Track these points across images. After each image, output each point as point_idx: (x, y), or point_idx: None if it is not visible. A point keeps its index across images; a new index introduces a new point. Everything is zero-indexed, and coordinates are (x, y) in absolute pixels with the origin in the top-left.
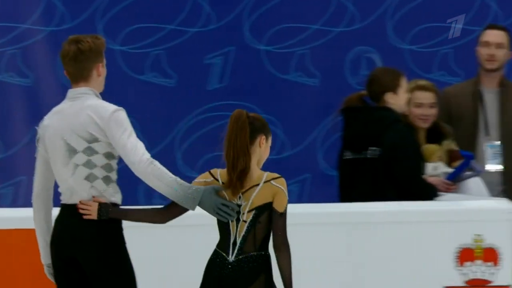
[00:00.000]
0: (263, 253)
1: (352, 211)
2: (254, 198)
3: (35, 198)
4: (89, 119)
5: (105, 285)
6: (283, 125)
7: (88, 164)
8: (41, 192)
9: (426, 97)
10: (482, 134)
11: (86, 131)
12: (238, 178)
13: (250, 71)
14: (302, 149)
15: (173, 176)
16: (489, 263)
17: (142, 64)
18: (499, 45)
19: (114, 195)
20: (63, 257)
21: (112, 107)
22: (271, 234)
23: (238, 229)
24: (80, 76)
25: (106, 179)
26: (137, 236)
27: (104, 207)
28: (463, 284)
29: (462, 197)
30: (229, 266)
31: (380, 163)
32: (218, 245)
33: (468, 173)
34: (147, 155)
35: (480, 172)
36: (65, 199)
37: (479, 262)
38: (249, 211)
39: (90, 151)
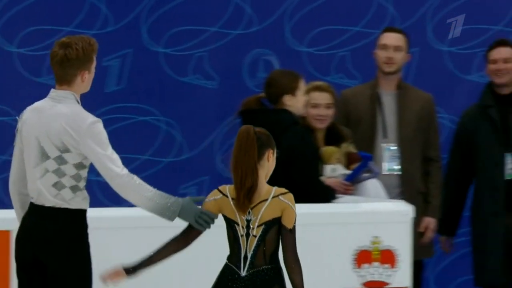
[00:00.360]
0: (274, 265)
1: None
2: (263, 213)
3: (11, 187)
4: (63, 129)
5: (62, 285)
6: (181, 128)
7: (57, 172)
8: (16, 181)
9: (322, 97)
10: (380, 136)
11: (60, 140)
12: (246, 196)
13: (148, 74)
14: (200, 152)
15: (153, 189)
16: (386, 265)
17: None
18: (397, 48)
19: (81, 203)
20: (26, 255)
21: (89, 118)
22: (282, 250)
23: (248, 243)
24: (64, 80)
25: (74, 188)
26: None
27: (132, 272)
28: (361, 286)
29: (360, 199)
30: (242, 281)
31: (278, 165)
32: (229, 259)
33: (366, 174)
34: (125, 169)
35: (377, 174)
36: (33, 198)
37: (376, 264)
38: (258, 226)
39: (60, 160)
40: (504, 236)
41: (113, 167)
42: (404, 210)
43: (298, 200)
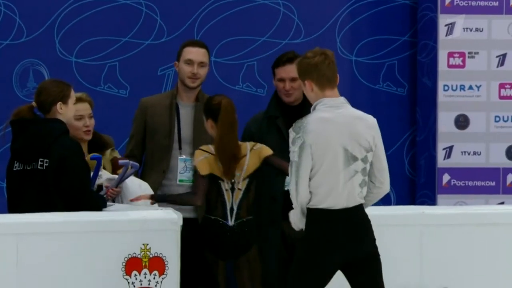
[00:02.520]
0: (253, 217)
1: (19, 222)
2: (247, 167)
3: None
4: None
5: None
6: None
7: (363, 172)
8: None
9: (85, 108)
10: (176, 147)
11: (367, 141)
12: (234, 162)
13: None
14: None
15: None
16: (155, 272)
17: None
18: (202, 64)
19: None
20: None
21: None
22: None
23: (234, 197)
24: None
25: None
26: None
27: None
28: None
29: (131, 207)
30: (232, 229)
31: (49, 174)
32: (210, 213)
33: (128, 172)
34: None
35: (135, 166)
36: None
37: (145, 271)
38: (243, 180)
39: (366, 159)
40: (282, 242)
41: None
42: (173, 218)
43: (69, 209)
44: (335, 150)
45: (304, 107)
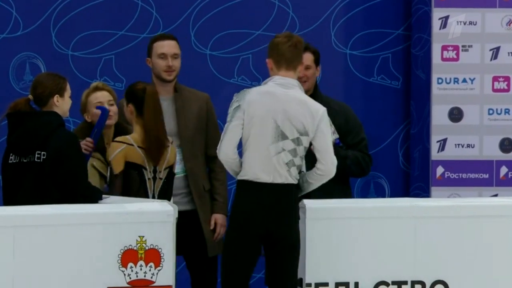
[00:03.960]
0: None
1: (16, 214)
2: (169, 157)
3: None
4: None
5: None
6: None
7: (293, 152)
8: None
9: (103, 95)
10: None
11: (301, 123)
12: (162, 150)
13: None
14: None
15: None
16: (151, 263)
17: None
18: (175, 56)
19: None
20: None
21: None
22: None
23: (155, 186)
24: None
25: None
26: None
27: None
28: (126, 285)
29: (126, 199)
30: None
31: (46, 167)
32: None
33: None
34: None
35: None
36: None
37: (141, 263)
38: (165, 169)
39: (298, 141)
40: None
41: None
42: (168, 210)
43: (66, 201)
44: (267, 122)
45: (315, 98)
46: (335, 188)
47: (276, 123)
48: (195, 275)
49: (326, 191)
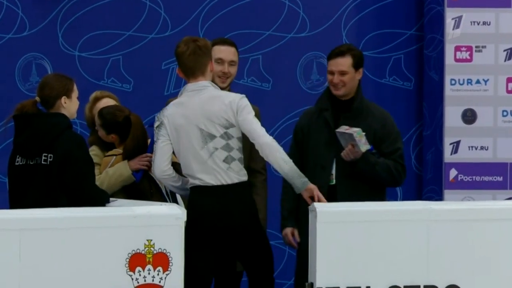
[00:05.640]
0: None
1: (22, 218)
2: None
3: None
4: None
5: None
6: None
7: (226, 147)
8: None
9: (107, 102)
10: None
11: (223, 118)
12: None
13: None
14: None
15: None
16: (159, 268)
17: None
18: (232, 63)
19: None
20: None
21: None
22: None
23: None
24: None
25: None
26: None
27: None
28: None
29: (134, 202)
30: None
31: (53, 169)
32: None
33: None
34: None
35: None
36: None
37: (149, 267)
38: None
39: (227, 136)
40: None
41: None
42: (177, 213)
43: (73, 204)
44: (189, 131)
45: (354, 101)
46: (370, 199)
47: (199, 128)
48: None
49: (352, 190)
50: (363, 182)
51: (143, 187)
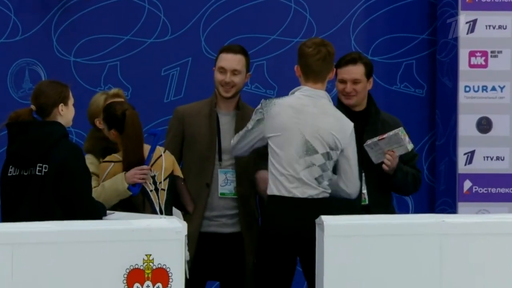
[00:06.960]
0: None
1: (15, 231)
2: (165, 166)
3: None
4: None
5: None
6: None
7: (323, 167)
8: None
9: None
10: (216, 158)
11: (331, 139)
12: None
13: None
14: None
15: None
16: (158, 284)
17: None
18: (235, 72)
19: None
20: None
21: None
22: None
23: (159, 197)
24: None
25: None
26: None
27: None
28: None
29: (132, 215)
30: None
31: (48, 181)
32: None
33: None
34: None
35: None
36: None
37: (148, 283)
38: (165, 179)
39: (328, 156)
40: None
41: None
42: (178, 227)
43: (68, 217)
44: (295, 138)
45: (369, 114)
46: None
47: (304, 137)
48: None
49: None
50: (389, 194)
51: (135, 200)
